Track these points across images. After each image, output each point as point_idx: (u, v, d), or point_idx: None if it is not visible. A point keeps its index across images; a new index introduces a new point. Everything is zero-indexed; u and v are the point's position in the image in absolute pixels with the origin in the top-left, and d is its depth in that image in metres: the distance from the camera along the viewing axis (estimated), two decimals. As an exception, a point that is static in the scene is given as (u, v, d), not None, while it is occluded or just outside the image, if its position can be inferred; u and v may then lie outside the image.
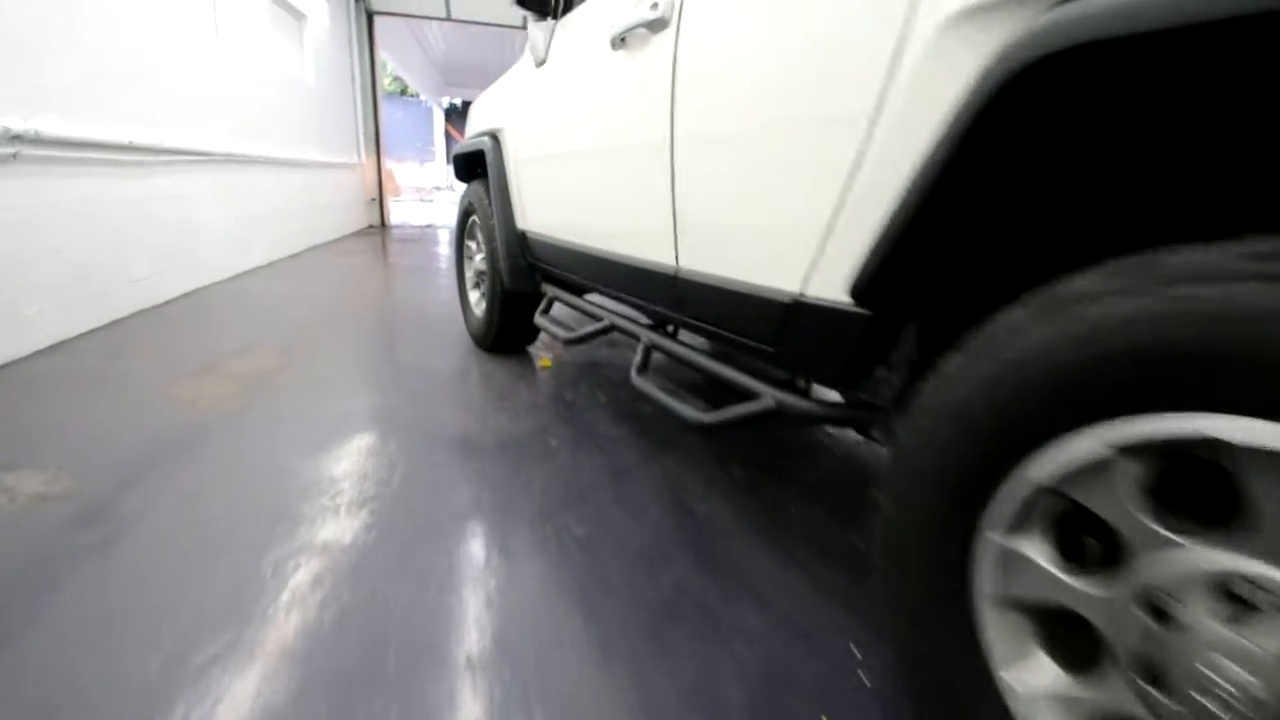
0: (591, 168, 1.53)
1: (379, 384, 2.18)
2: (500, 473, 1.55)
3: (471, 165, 2.53)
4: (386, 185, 8.46)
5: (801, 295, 0.90)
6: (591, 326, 1.73)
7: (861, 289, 0.77)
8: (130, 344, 2.50)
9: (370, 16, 7.58)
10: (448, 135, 23.64)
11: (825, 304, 0.85)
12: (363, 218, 7.87)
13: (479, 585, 1.11)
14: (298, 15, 5.68)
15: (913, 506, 0.69)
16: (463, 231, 2.70)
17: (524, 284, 2.19)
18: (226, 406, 1.89)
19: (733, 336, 1.09)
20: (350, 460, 1.58)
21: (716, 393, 1.74)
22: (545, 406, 2.01)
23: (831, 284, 0.84)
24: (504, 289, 2.26)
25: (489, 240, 2.31)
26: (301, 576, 1.10)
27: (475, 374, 2.32)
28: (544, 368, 2.46)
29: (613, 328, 1.64)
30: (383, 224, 8.31)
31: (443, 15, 7.62)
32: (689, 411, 1.15)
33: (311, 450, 1.62)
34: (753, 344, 1.03)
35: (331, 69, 6.60)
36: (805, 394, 1.07)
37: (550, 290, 2.09)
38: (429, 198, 16.01)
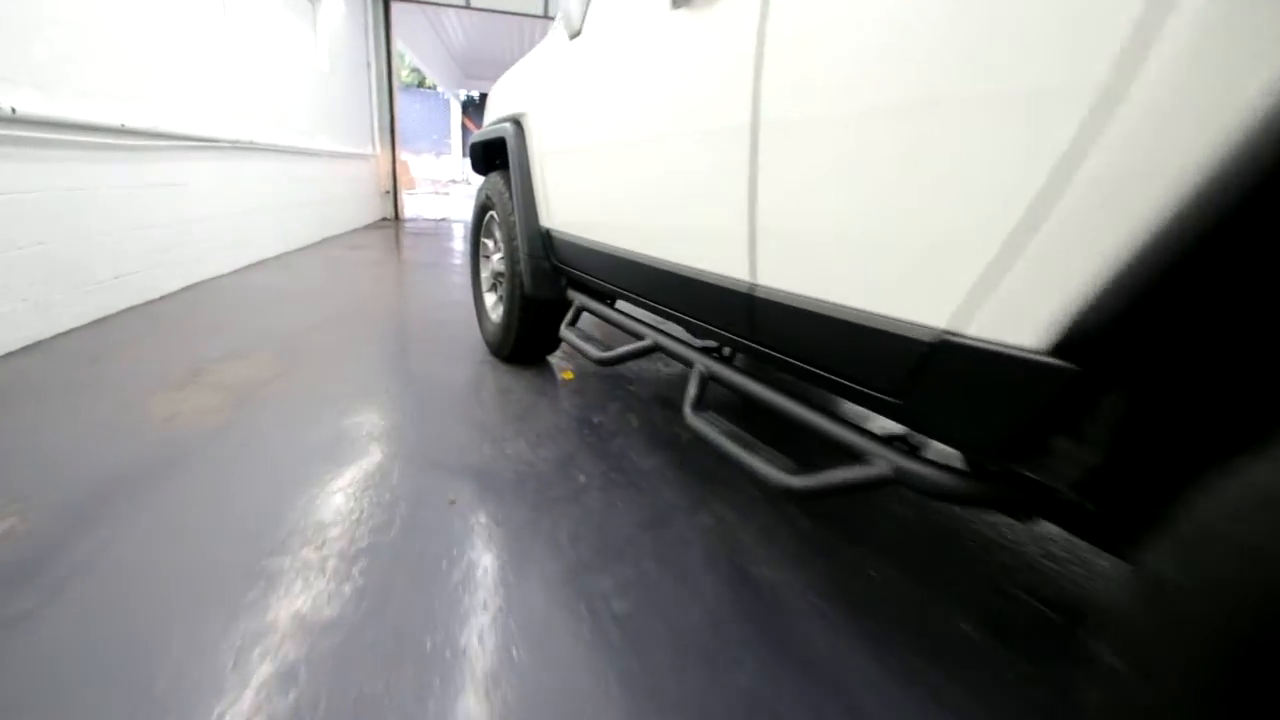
0: (637, 158, 1.27)
1: (383, 398, 1.95)
2: (521, 517, 1.31)
3: (490, 155, 2.29)
4: (401, 177, 8.25)
5: (954, 333, 0.64)
6: (630, 346, 1.47)
7: (1080, 336, 0.52)
8: (113, 346, 2.28)
9: (387, 3, 7.36)
10: (464, 128, 23.48)
11: (998, 349, 0.60)
12: (376, 210, 7.67)
13: (494, 687, 0.87)
14: (312, -1, 5.48)
15: (1183, 686, 0.43)
16: (479, 228, 2.45)
17: (547, 289, 1.94)
18: (209, 423, 1.66)
19: (834, 379, 0.84)
20: (344, 496, 1.34)
21: (753, 414, 1.49)
22: (570, 430, 1.77)
23: (1011, 323, 0.58)
24: (524, 294, 2.01)
25: (508, 239, 2.06)
26: (268, 670, 0.86)
27: (490, 388, 2.08)
28: (566, 380, 2.22)
29: (656, 348, 1.38)
30: (396, 217, 8.12)
31: (461, 3, 7.39)
32: (772, 473, 0.89)
33: (300, 483, 1.38)
34: (866, 391, 0.78)
35: (347, 56, 6.40)
36: (918, 454, 0.82)
37: (577, 298, 1.84)
38: (444, 190, 15.82)
